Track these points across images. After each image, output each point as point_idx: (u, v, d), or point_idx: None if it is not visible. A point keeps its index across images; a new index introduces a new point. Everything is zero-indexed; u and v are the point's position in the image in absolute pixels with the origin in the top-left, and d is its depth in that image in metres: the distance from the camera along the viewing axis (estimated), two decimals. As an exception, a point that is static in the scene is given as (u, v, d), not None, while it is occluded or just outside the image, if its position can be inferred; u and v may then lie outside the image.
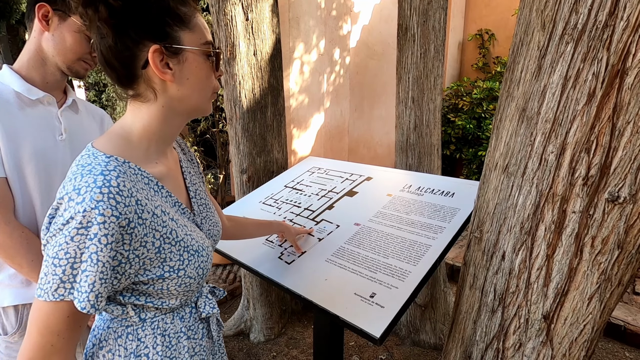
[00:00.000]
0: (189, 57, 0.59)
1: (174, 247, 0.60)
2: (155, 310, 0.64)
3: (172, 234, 0.60)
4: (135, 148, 0.60)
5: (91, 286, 0.51)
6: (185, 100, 0.62)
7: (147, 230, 0.55)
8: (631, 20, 0.53)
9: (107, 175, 0.52)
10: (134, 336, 0.63)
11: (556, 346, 0.72)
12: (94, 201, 0.49)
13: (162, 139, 0.64)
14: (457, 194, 1.21)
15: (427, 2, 1.69)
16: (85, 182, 0.51)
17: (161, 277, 0.59)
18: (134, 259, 0.55)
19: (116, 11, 0.53)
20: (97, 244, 0.50)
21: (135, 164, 0.58)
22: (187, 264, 0.62)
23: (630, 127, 0.57)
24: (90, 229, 0.49)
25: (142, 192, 0.56)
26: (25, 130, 0.87)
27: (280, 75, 1.97)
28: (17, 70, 0.91)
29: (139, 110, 0.61)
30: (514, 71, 0.74)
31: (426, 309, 2.04)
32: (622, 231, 0.62)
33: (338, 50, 3.32)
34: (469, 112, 3.97)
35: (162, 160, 0.65)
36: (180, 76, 0.59)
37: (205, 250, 0.66)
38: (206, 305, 0.71)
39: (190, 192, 0.73)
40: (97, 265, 0.51)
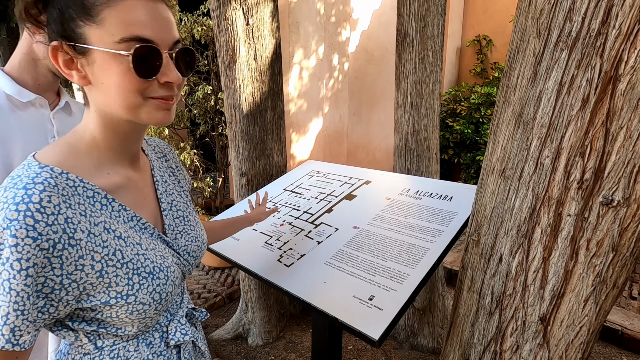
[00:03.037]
0: (97, 58, 0.49)
1: (119, 270, 0.52)
2: (113, 337, 0.56)
3: (115, 254, 0.52)
4: (82, 157, 0.53)
5: (4, 318, 0.44)
6: (110, 108, 0.52)
7: (83, 252, 0.48)
8: (623, 29, 0.55)
9: (30, 190, 0.45)
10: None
11: (553, 348, 0.73)
12: (7, 220, 0.43)
13: (112, 149, 0.56)
14: (455, 197, 1.22)
15: (426, 8, 1.71)
16: (5, 197, 0.44)
17: (107, 304, 0.52)
18: (70, 284, 0.48)
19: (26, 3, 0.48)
20: (9, 269, 0.43)
21: (76, 176, 0.51)
22: (139, 288, 0.53)
23: (623, 132, 0.58)
24: (2, 252, 0.43)
25: (78, 207, 0.49)
26: (16, 134, 0.86)
27: (280, 80, 1.99)
28: (8, 72, 0.89)
29: (85, 117, 0.56)
30: (510, 77, 0.76)
31: (424, 312, 2.04)
32: (617, 234, 0.63)
33: (337, 56, 3.35)
34: (467, 117, 4.00)
35: (118, 170, 0.58)
36: (94, 80, 0.51)
37: (164, 271, 0.57)
38: (177, 332, 0.63)
39: (161, 203, 0.65)
40: (9, 294, 0.43)
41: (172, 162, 0.75)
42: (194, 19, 2.67)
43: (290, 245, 1.19)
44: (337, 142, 3.58)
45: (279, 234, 1.27)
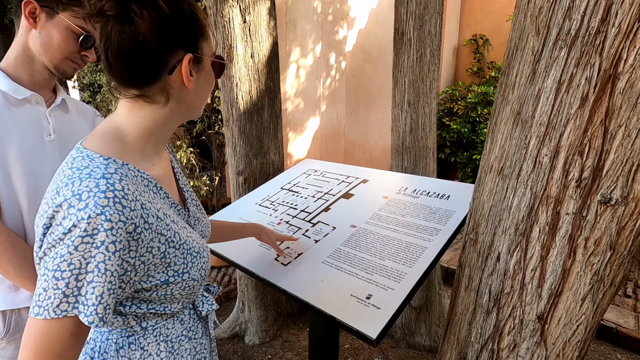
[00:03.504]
0: (206, 66, 0.61)
1: (177, 251, 0.58)
2: (156, 317, 0.62)
3: (175, 237, 0.58)
4: (131, 149, 0.58)
5: (99, 298, 0.48)
6: (194, 105, 0.63)
7: (153, 234, 0.53)
8: (622, 27, 0.55)
9: (110, 179, 0.49)
10: (137, 345, 0.61)
11: (550, 347, 0.73)
12: (99, 207, 0.47)
13: (159, 140, 0.63)
14: (452, 196, 1.22)
15: (423, 6, 1.71)
16: (86, 186, 0.48)
17: (166, 283, 0.58)
18: (140, 266, 0.53)
19: (164, 16, 0.53)
20: (104, 252, 0.47)
21: (133, 166, 0.55)
22: (191, 266, 0.60)
23: (622, 130, 0.58)
24: (97, 237, 0.47)
25: (145, 195, 0.54)
26: (11, 131, 0.85)
27: (277, 78, 1.98)
28: (4, 69, 0.88)
29: (139, 111, 0.58)
30: (509, 75, 0.76)
31: (421, 311, 2.04)
32: (614, 232, 0.63)
33: (334, 54, 3.34)
34: (464, 116, 4.01)
35: (157, 162, 0.63)
36: (197, 83, 0.61)
37: (205, 250, 0.65)
38: (204, 304, 0.71)
39: (184, 192, 0.72)
40: (104, 275, 0.48)
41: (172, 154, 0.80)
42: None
43: (288, 244, 1.18)
44: (334, 141, 3.57)
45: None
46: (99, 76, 3.64)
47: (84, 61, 0.94)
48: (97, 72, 4.74)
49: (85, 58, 0.93)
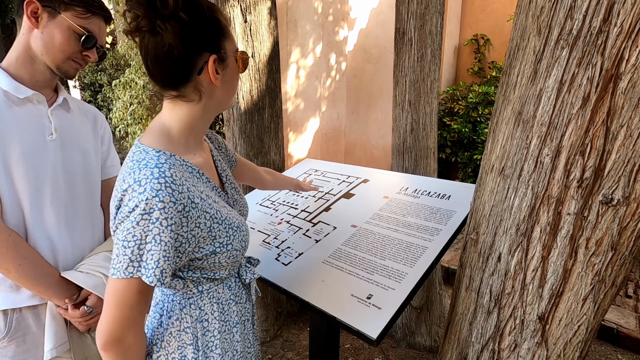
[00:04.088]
0: (230, 63, 0.69)
1: (221, 226, 0.69)
2: (209, 282, 0.74)
3: (217, 214, 0.68)
4: (177, 142, 0.68)
5: (156, 263, 0.59)
6: (223, 100, 0.72)
7: (199, 212, 0.64)
8: (625, 27, 0.55)
9: (161, 168, 0.60)
10: (196, 306, 0.73)
11: (551, 347, 0.73)
12: (154, 190, 0.57)
13: (198, 133, 0.73)
14: (453, 196, 1.22)
15: (424, 6, 1.71)
16: (144, 174, 0.59)
17: (213, 252, 0.69)
18: (192, 239, 0.63)
19: (185, 26, 0.61)
20: (159, 226, 0.58)
21: (179, 156, 0.66)
22: (233, 238, 0.71)
23: (623, 130, 0.58)
24: (152, 214, 0.57)
25: (190, 180, 0.65)
26: (13, 130, 0.85)
27: (278, 78, 1.98)
28: (6, 68, 0.88)
29: (180, 109, 0.68)
30: (510, 75, 0.75)
31: (422, 311, 2.04)
32: (616, 233, 0.63)
33: (335, 54, 3.34)
34: (465, 116, 4.00)
35: (198, 152, 0.74)
36: (223, 80, 0.69)
37: (244, 225, 0.76)
38: (247, 273, 0.82)
39: (222, 177, 0.82)
40: (160, 244, 0.59)
41: (216, 142, 0.90)
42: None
43: (288, 244, 1.18)
44: (334, 141, 3.57)
45: (276, 232, 1.26)
46: (99, 76, 3.65)
47: (85, 61, 0.94)
48: (97, 72, 4.74)
49: (87, 58, 0.93)
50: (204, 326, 0.73)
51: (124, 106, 2.64)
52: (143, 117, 2.59)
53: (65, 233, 0.93)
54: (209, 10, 0.64)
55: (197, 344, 0.72)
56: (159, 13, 0.59)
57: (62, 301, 0.90)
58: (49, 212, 0.90)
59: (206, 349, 0.73)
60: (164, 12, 0.59)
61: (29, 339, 0.90)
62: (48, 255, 0.91)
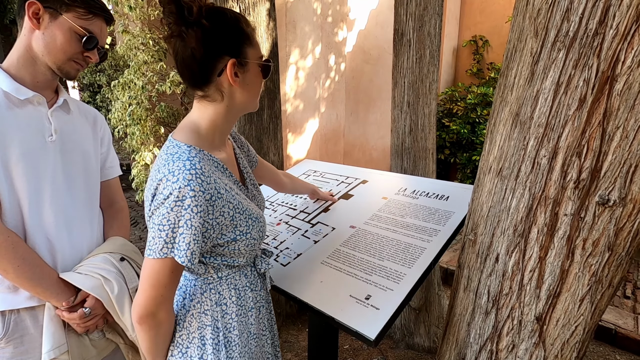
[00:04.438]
0: (251, 68, 0.75)
1: (241, 216, 0.75)
2: (228, 269, 0.80)
3: (239, 205, 0.75)
4: (204, 138, 0.75)
5: (188, 245, 0.66)
6: (245, 102, 0.77)
7: (224, 202, 0.70)
8: (620, 29, 0.55)
9: (192, 160, 0.67)
10: (215, 290, 0.79)
11: (548, 347, 0.73)
12: (186, 180, 0.64)
13: (223, 132, 0.80)
14: (451, 197, 1.22)
15: (423, 8, 1.71)
16: (177, 166, 0.66)
17: (234, 240, 0.75)
18: (216, 226, 0.70)
19: (207, 31, 0.68)
20: (190, 212, 0.64)
21: (207, 151, 0.73)
22: (252, 228, 0.78)
23: (619, 132, 0.59)
24: (185, 202, 0.64)
25: (215, 173, 0.72)
26: (13, 131, 0.85)
27: (277, 79, 1.98)
28: (6, 69, 0.88)
29: (206, 109, 0.75)
30: (507, 77, 0.76)
31: (420, 312, 2.04)
32: (612, 234, 0.64)
33: (334, 56, 3.34)
34: (463, 117, 4.01)
35: (223, 149, 0.81)
36: (244, 83, 0.75)
37: (262, 217, 0.83)
38: (262, 263, 0.87)
39: (244, 174, 0.89)
40: (191, 229, 0.65)
41: (239, 142, 0.97)
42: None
43: (287, 245, 1.18)
44: (333, 142, 3.58)
45: (275, 233, 1.26)
46: (99, 77, 3.65)
47: (86, 62, 0.94)
48: (96, 72, 4.73)
49: (88, 59, 0.93)
50: (222, 309, 0.79)
51: (123, 107, 2.64)
52: (142, 117, 2.59)
53: (64, 234, 0.93)
54: (231, 19, 0.71)
55: (216, 325, 0.78)
56: (185, 20, 0.66)
57: (61, 302, 0.90)
58: (48, 213, 0.90)
59: (225, 330, 0.79)
60: (189, 19, 0.66)
61: (26, 340, 0.90)
62: (47, 257, 0.90)
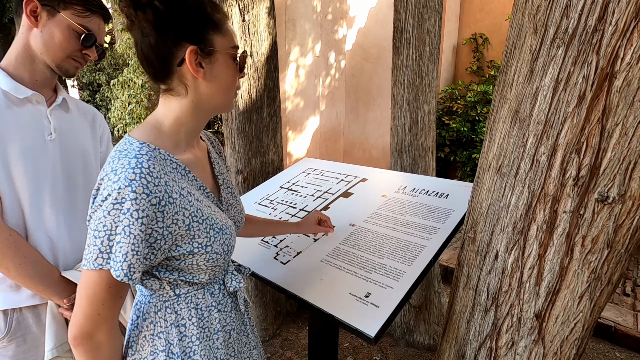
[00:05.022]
0: (219, 58, 0.66)
1: (201, 225, 0.66)
2: (188, 286, 0.70)
3: (198, 212, 0.65)
4: (166, 137, 0.67)
5: (124, 256, 0.56)
6: (212, 97, 0.69)
7: (178, 208, 0.61)
8: (619, 25, 0.55)
9: (140, 158, 0.58)
10: (172, 309, 0.69)
11: (548, 344, 0.73)
12: (127, 180, 0.56)
13: (190, 131, 0.71)
14: (451, 195, 1.23)
15: (423, 5, 1.71)
16: (121, 164, 0.57)
17: (191, 253, 0.65)
18: (168, 235, 0.61)
19: (161, 15, 0.60)
20: (129, 217, 0.55)
21: (165, 151, 0.65)
22: (214, 240, 0.67)
23: (618, 128, 0.59)
24: (124, 205, 0.55)
25: (170, 174, 0.63)
26: (12, 130, 0.85)
27: (277, 77, 1.98)
28: (5, 68, 0.88)
29: (170, 103, 0.68)
30: (507, 74, 0.76)
31: (420, 310, 2.05)
32: (612, 231, 0.64)
33: (334, 53, 3.34)
34: (463, 115, 4.00)
35: (190, 150, 0.72)
36: (210, 75, 0.66)
37: (229, 228, 0.72)
38: (233, 281, 0.77)
39: (218, 180, 0.80)
40: (129, 237, 0.56)
41: (217, 148, 0.88)
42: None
43: (287, 243, 1.18)
44: (333, 140, 3.57)
45: (275, 231, 1.27)
46: (98, 75, 3.65)
47: (85, 60, 0.94)
48: (96, 71, 4.73)
49: (87, 56, 0.93)
50: (180, 331, 0.70)
51: (123, 105, 2.64)
52: (141, 116, 2.59)
53: (65, 232, 0.94)
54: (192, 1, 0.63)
55: (171, 350, 0.69)
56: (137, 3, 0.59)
57: (62, 300, 0.91)
58: (48, 212, 0.90)
59: (184, 356, 0.69)
60: (141, 1, 0.59)
61: (29, 338, 0.91)
62: (48, 255, 0.91)
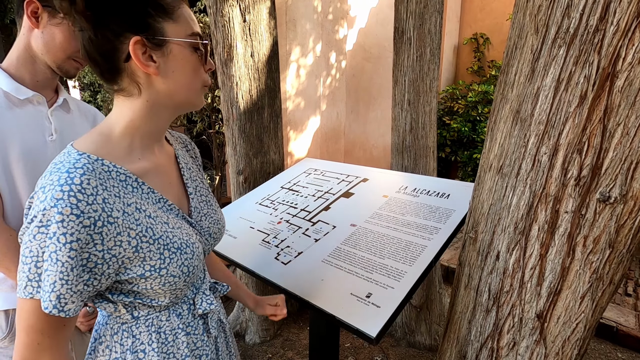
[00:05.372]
0: (174, 49, 0.57)
1: (152, 246, 0.57)
2: (148, 308, 0.63)
3: (148, 232, 0.57)
4: (115, 144, 0.59)
5: (52, 286, 0.49)
6: (172, 94, 0.60)
7: (120, 228, 0.53)
8: (621, 25, 0.55)
9: (72, 173, 0.50)
10: (129, 333, 0.62)
11: (549, 345, 0.73)
12: (54, 199, 0.48)
13: (148, 135, 0.63)
14: (452, 195, 1.22)
15: (423, 5, 1.71)
16: (51, 180, 0.50)
17: (143, 277, 0.57)
18: (111, 259, 0.53)
19: (93, 2, 0.51)
20: (55, 242, 0.48)
21: (110, 161, 0.56)
22: (169, 261, 0.59)
23: (620, 128, 0.58)
24: (50, 228, 0.48)
25: (112, 189, 0.54)
26: (13, 131, 0.85)
27: (277, 77, 1.98)
28: (6, 69, 0.88)
29: (123, 106, 0.60)
30: (508, 74, 0.76)
31: (421, 310, 2.05)
32: (613, 231, 0.63)
33: (334, 53, 3.34)
34: (464, 115, 4.00)
35: (147, 156, 0.63)
36: (165, 69, 0.58)
37: (190, 247, 0.63)
38: (203, 302, 0.69)
39: (188, 188, 0.71)
40: (56, 264, 0.49)
41: (192, 152, 0.81)
42: (191, 16, 2.65)
43: (288, 243, 1.18)
44: (334, 140, 3.57)
45: (276, 231, 1.27)
46: (99, 76, 3.62)
47: (86, 60, 0.94)
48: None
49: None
50: (138, 357, 0.62)
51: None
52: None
53: None
54: None
55: None
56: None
57: None
58: None
59: None
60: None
61: None
62: None
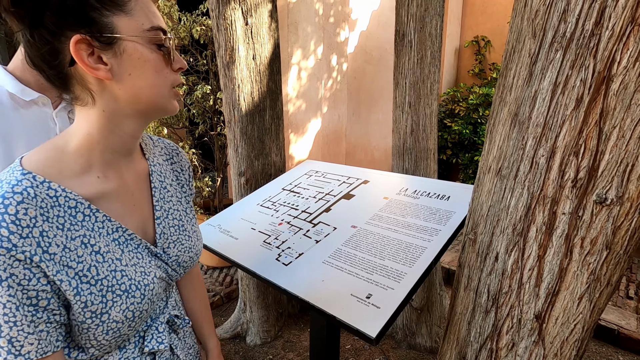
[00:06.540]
0: (128, 47, 0.48)
1: (93, 287, 0.49)
2: None
3: (90, 270, 0.49)
4: (69, 162, 0.50)
5: None
6: (132, 101, 0.51)
7: (59, 267, 0.46)
8: (616, 30, 0.56)
9: (7, 200, 0.43)
10: None
11: (548, 345, 0.74)
12: None
13: (110, 150, 0.54)
14: (452, 197, 1.23)
15: (424, 8, 1.72)
16: None
17: (84, 323, 0.49)
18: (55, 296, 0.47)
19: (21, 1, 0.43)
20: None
21: (59, 184, 0.48)
22: (112, 305, 0.51)
23: (616, 131, 0.59)
24: None
25: (56, 220, 0.47)
26: (19, 132, 0.86)
27: (279, 79, 2.00)
28: (12, 71, 0.89)
29: (78, 117, 0.52)
30: (506, 77, 0.77)
31: (422, 312, 2.05)
32: (610, 232, 0.64)
33: (336, 56, 3.35)
34: (465, 118, 4.01)
35: (110, 175, 0.55)
36: (120, 72, 0.49)
37: (141, 289, 0.55)
38: (153, 339, 0.59)
39: (156, 211, 0.62)
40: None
41: (178, 165, 0.71)
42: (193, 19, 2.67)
43: (289, 244, 1.19)
44: (335, 142, 3.59)
45: (277, 233, 1.28)
46: (102, 78, 3.64)
47: None
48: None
49: None
50: None
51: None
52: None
53: None
54: None
55: None
56: None
57: None
58: None
59: None
60: None
61: None
62: None
